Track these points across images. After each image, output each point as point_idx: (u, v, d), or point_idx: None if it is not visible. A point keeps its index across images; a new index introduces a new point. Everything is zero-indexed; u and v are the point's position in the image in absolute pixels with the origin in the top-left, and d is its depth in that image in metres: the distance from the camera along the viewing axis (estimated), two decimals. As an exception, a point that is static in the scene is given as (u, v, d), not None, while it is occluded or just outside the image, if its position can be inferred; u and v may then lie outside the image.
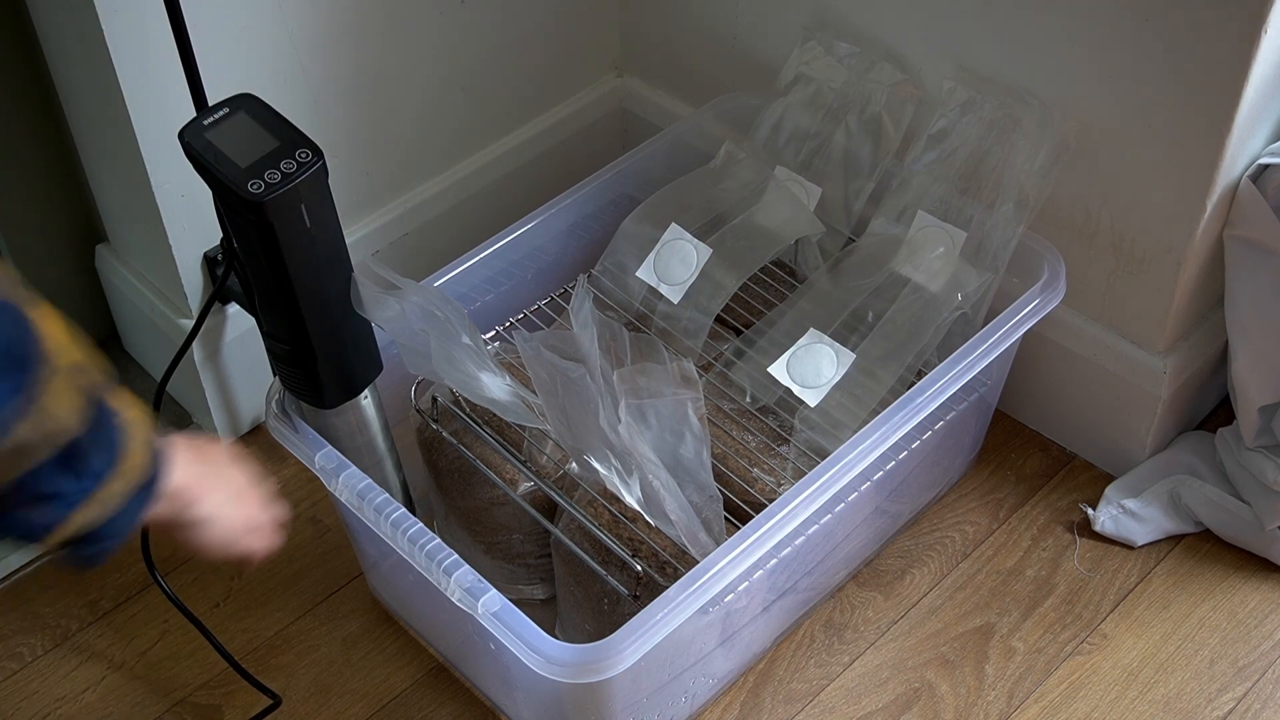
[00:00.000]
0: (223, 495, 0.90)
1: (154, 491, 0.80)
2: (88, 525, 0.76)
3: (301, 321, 1.07)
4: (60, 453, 0.72)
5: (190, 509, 0.87)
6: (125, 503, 0.78)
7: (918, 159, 1.34)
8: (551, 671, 1.02)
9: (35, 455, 0.71)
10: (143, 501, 0.80)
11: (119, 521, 0.78)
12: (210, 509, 0.89)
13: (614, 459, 1.10)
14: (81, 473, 0.74)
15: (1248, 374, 1.33)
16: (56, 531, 0.75)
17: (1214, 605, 1.35)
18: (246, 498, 0.94)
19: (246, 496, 0.94)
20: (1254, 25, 1.11)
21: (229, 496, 0.91)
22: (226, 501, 0.91)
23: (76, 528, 0.76)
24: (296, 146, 1.01)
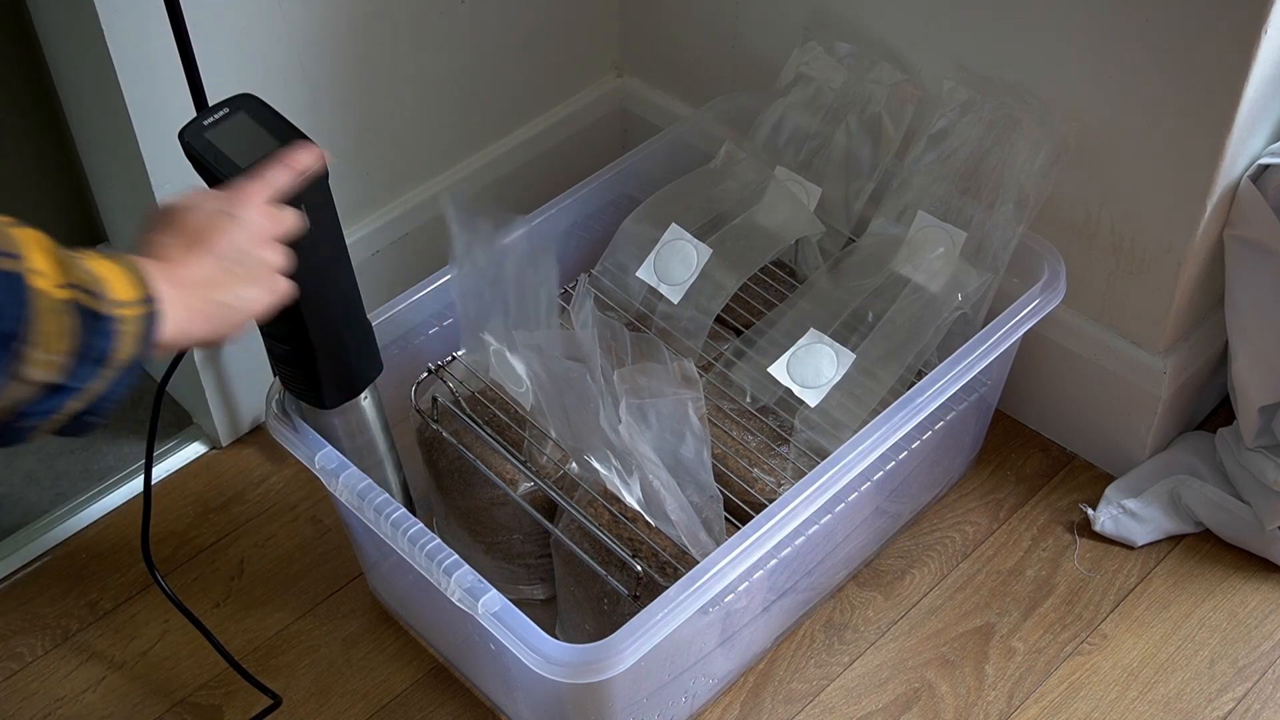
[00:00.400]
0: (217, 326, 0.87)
1: (141, 369, 0.79)
2: (69, 415, 0.75)
3: (302, 323, 1.07)
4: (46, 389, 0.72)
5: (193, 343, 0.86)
6: (110, 387, 0.77)
7: (918, 159, 1.34)
8: (551, 671, 1.02)
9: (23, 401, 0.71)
10: (130, 379, 0.78)
11: (104, 402, 0.77)
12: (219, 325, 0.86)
13: (614, 459, 1.10)
14: (66, 387, 0.73)
15: (1248, 374, 1.33)
16: (41, 432, 0.75)
17: (1214, 605, 1.35)
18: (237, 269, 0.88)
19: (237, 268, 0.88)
20: (1254, 25, 1.11)
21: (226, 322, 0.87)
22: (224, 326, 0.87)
23: (61, 423, 0.75)
24: None
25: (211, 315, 0.86)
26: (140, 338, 0.77)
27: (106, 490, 1.47)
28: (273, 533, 1.43)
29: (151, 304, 0.79)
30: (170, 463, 1.50)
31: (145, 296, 0.79)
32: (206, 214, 0.89)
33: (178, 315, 0.82)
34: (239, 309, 0.88)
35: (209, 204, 0.90)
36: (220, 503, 1.46)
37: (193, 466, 1.50)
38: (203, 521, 1.44)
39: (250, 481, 1.49)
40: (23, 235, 0.71)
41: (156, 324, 0.79)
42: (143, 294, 0.78)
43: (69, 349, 0.72)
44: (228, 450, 1.52)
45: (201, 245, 0.87)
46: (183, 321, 0.83)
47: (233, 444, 1.52)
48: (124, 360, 0.76)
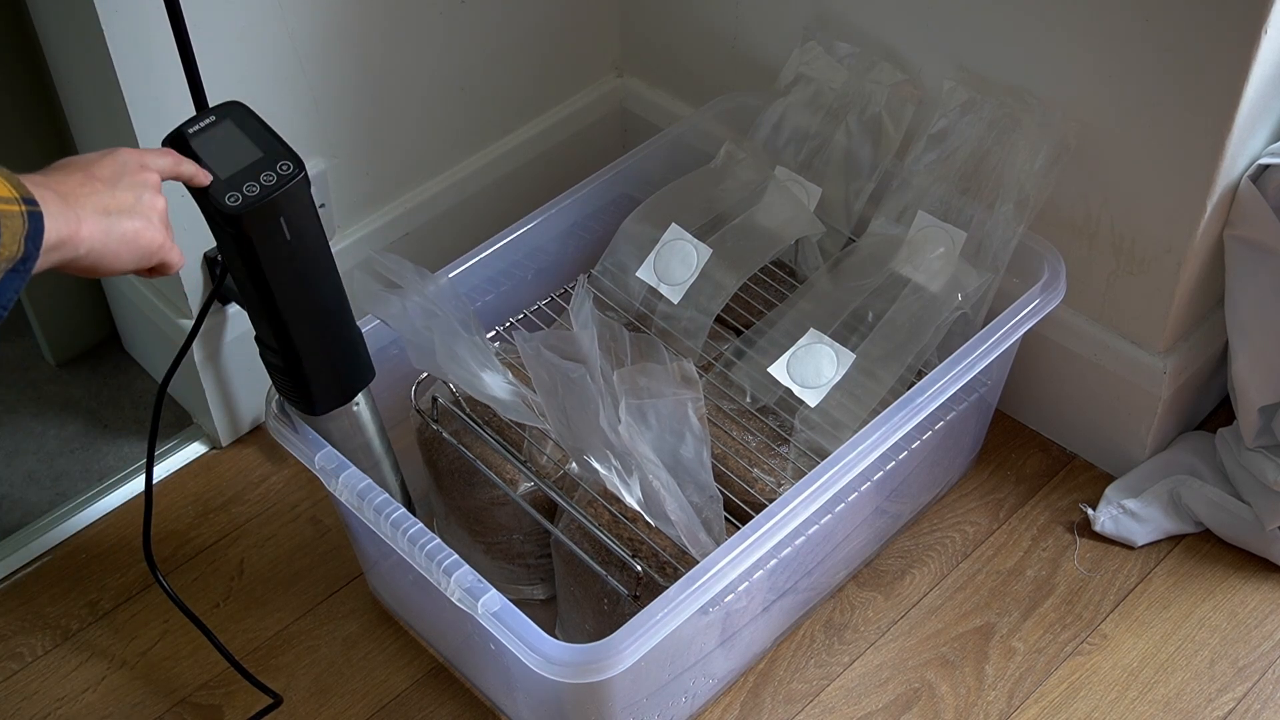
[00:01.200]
0: (96, 223, 0.87)
1: (28, 270, 0.79)
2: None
3: (286, 331, 1.07)
4: None
5: (70, 257, 0.85)
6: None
7: (918, 159, 1.34)
8: (551, 671, 1.02)
9: None
10: (16, 282, 0.79)
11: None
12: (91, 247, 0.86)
13: (614, 459, 1.10)
14: None
15: (1248, 374, 1.33)
16: None
17: (1214, 605, 1.35)
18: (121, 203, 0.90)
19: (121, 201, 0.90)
20: (1254, 25, 1.11)
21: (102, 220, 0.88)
22: (103, 227, 0.87)
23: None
24: (279, 158, 1.01)
25: (103, 228, 0.87)
26: (22, 234, 0.78)
27: (107, 490, 1.47)
28: (273, 533, 1.43)
29: (33, 205, 0.80)
30: (170, 463, 1.50)
31: (26, 197, 0.80)
32: (89, 156, 0.93)
33: (69, 221, 0.84)
34: (129, 233, 0.89)
35: (91, 153, 0.93)
36: (220, 503, 1.46)
37: (193, 466, 1.50)
38: (203, 521, 1.45)
39: (250, 481, 1.49)
40: None
41: (40, 224, 0.80)
42: (22, 195, 0.79)
43: None
44: (228, 450, 1.52)
45: (84, 170, 0.90)
46: (74, 227, 0.84)
47: (233, 444, 1.53)
48: (7, 256, 0.77)
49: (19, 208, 0.78)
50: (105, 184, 0.90)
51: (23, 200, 0.79)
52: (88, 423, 1.55)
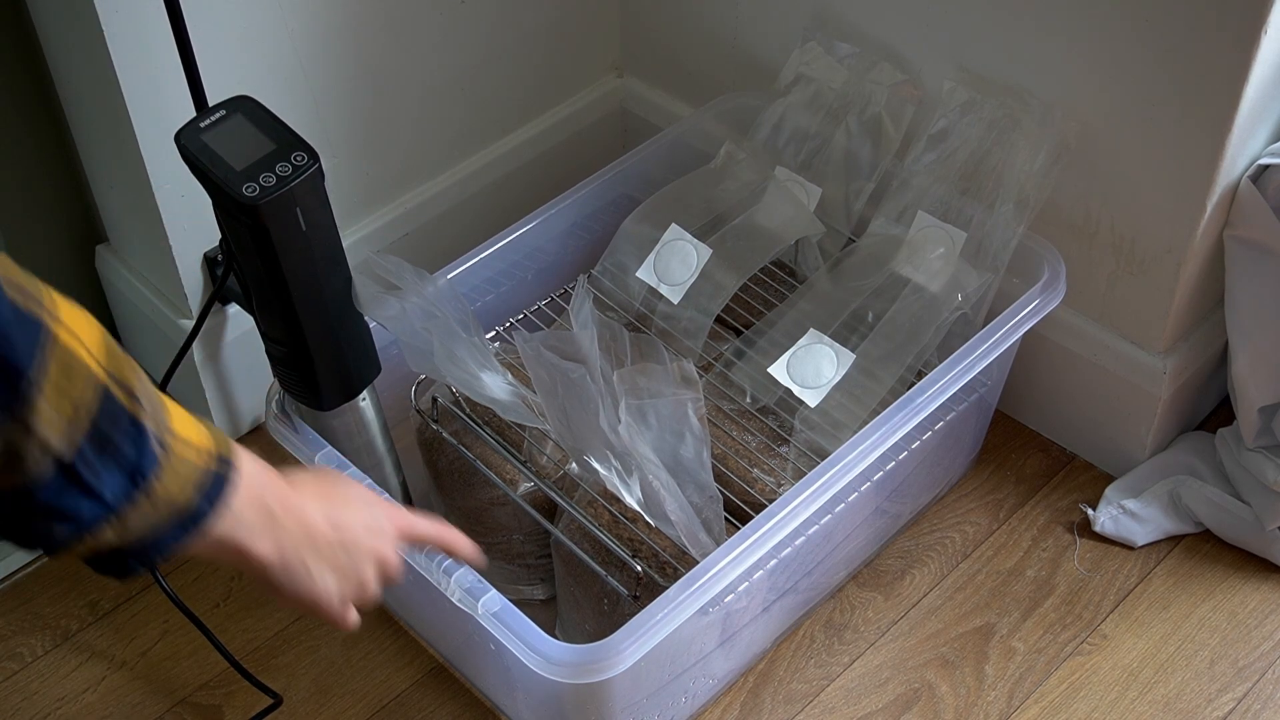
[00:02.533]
0: (289, 561, 0.80)
1: (195, 528, 0.72)
2: (105, 545, 0.69)
3: (298, 324, 1.07)
4: (57, 470, 0.65)
5: (246, 568, 0.78)
6: (150, 532, 0.70)
7: (918, 159, 1.34)
8: (551, 672, 1.02)
9: (27, 471, 0.65)
10: (177, 535, 0.71)
11: (145, 548, 0.71)
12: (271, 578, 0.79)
13: (614, 459, 1.10)
14: (89, 493, 0.67)
15: (1248, 374, 1.33)
16: (68, 550, 0.69)
17: (1214, 605, 1.35)
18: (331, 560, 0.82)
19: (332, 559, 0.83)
20: (1254, 25, 1.11)
21: (297, 566, 0.80)
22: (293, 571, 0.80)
23: (89, 549, 0.69)
24: (292, 149, 1.01)
25: (290, 563, 0.80)
26: (197, 487, 0.71)
27: (106, 490, 1.47)
28: (273, 533, 1.43)
29: (226, 467, 0.73)
30: (170, 463, 1.50)
31: (223, 457, 0.73)
32: (363, 500, 0.87)
33: (264, 527, 0.77)
34: (310, 584, 0.82)
35: (373, 498, 0.88)
36: (220, 503, 1.46)
37: (193, 466, 1.50)
38: (203, 521, 1.44)
39: (250, 481, 1.48)
40: (68, 304, 0.66)
41: (224, 488, 0.73)
42: (219, 452, 0.73)
43: (87, 428, 0.65)
44: (228, 450, 1.52)
45: (335, 508, 0.83)
46: (265, 536, 0.77)
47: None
48: (168, 498, 0.70)
49: (203, 459, 0.72)
50: (329, 542, 0.82)
51: (218, 458, 0.73)
52: (88, 423, 1.55)
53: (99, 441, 0.66)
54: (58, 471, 0.66)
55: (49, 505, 0.66)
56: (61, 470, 0.66)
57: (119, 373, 0.68)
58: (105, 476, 0.67)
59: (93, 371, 0.66)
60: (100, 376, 0.66)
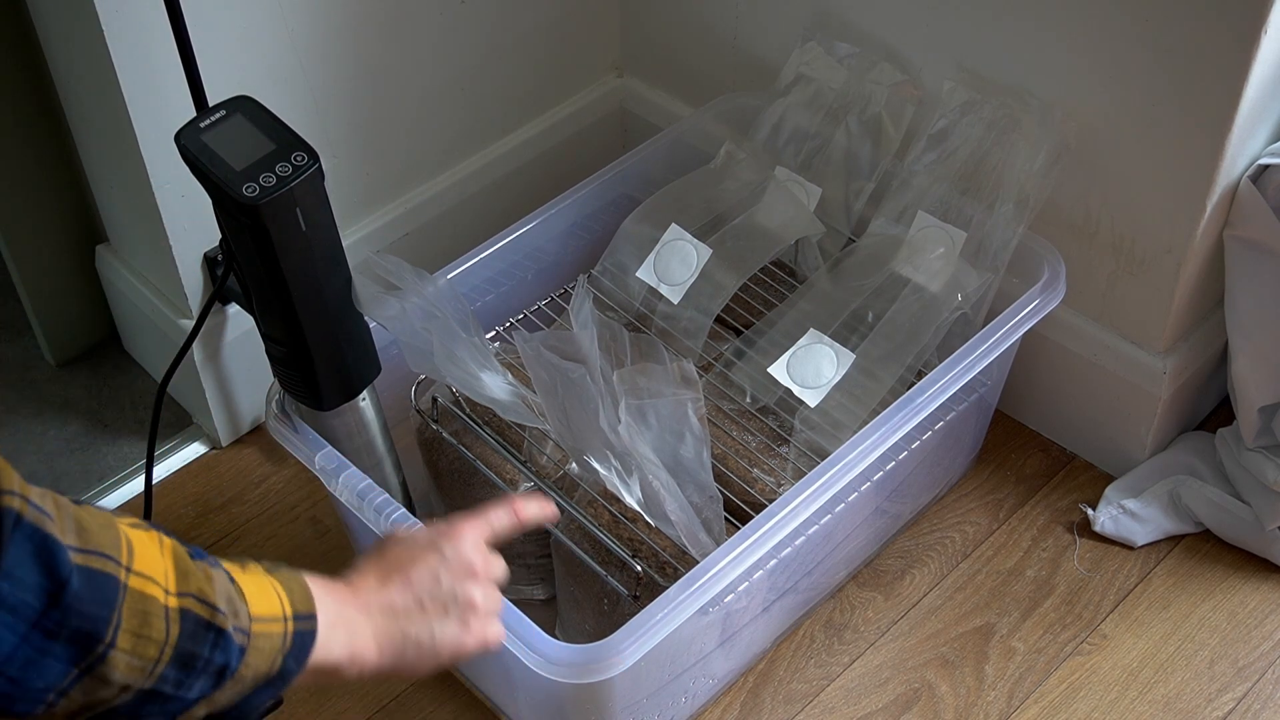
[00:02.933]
0: (399, 656, 0.84)
1: (284, 684, 0.77)
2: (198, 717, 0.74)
3: (298, 324, 1.07)
4: (139, 695, 0.69)
5: (347, 675, 0.82)
6: (242, 699, 0.75)
7: (918, 159, 1.34)
8: (551, 672, 1.02)
9: (108, 703, 0.68)
10: (269, 693, 0.76)
11: (239, 711, 0.75)
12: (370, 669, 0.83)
13: (614, 459, 1.10)
14: (175, 701, 0.71)
15: (1248, 374, 1.33)
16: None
17: (1214, 605, 1.35)
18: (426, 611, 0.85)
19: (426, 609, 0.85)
20: (1254, 25, 1.11)
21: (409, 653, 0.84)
22: (407, 658, 0.84)
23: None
24: (292, 149, 1.01)
25: (399, 646, 0.83)
26: (282, 653, 0.75)
27: (106, 490, 1.47)
28: (273, 533, 1.43)
29: (306, 622, 0.77)
30: (170, 463, 1.50)
31: (300, 614, 0.77)
32: (412, 546, 0.88)
33: (357, 639, 0.81)
34: (431, 645, 0.85)
35: (420, 537, 0.89)
36: (220, 503, 1.46)
37: (193, 467, 1.50)
38: (203, 522, 1.44)
39: (250, 482, 1.49)
40: (139, 538, 0.70)
41: (308, 643, 0.77)
42: (295, 611, 0.77)
43: (169, 656, 0.69)
44: (228, 450, 1.52)
45: (399, 574, 0.85)
46: (362, 647, 0.81)
47: (233, 444, 1.52)
48: (255, 675, 0.74)
49: (282, 626, 0.76)
50: (420, 604, 0.85)
51: (296, 618, 0.77)
52: (88, 423, 1.55)
53: (183, 662, 0.70)
54: (140, 696, 0.69)
55: (137, 712, 0.70)
56: (145, 695, 0.69)
57: (196, 590, 0.71)
58: (191, 684, 0.71)
59: (169, 605, 0.69)
60: (175, 605, 0.70)
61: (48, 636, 0.65)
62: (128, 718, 0.70)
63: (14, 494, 0.63)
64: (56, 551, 0.64)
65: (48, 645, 0.65)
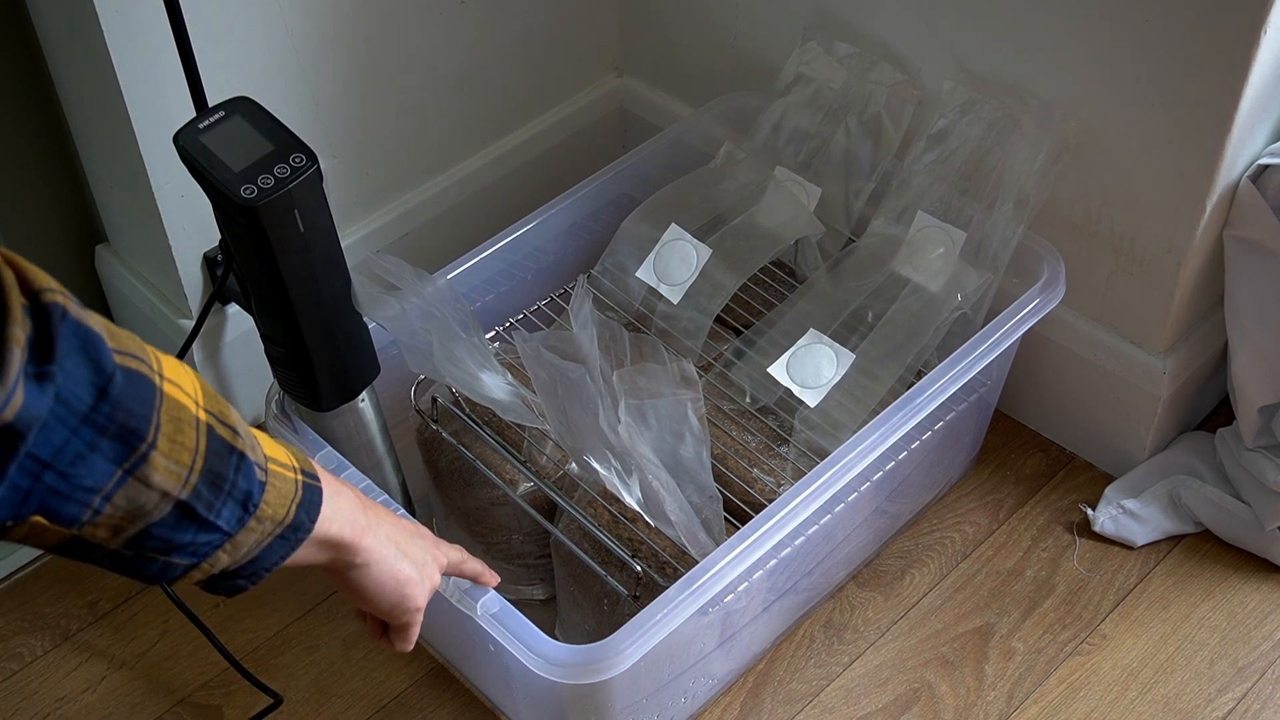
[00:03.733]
0: (382, 546, 0.88)
1: (297, 539, 0.79)
2: (219, 568, 0.75)
3: (296, 325, 1.07)
4: (176, 509, 0.70)
5: (344, 560, 0.86)
6: (260, 550, 0.77)
7: (918, 159, 1.34)
8: (551, 672, 1.02)
9: (147, 516, 0.69)
10: (283, 549, 0.78)
11: (255, 566, 0.77)
12: (367, 561, 0.87)
13: (614, 459, 1.10)
14: (206, 526, 0.72)
15: (1248, 374, 1.33)
16: (183, 578, 0.74)
17: (1214, 605, 1.35)
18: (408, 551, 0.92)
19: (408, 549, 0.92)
20: (1254, 25, 1.11)
21: (388, 549, 0.89)
22: (385, 554, 0.89)
23: (205, 574, 0.75)
24: (291, 150, 1.01)
25: (386, 551, 0.88)
26: (295, 502, 0.78)
27: (107, 490, 1.47)
28: (273, 533, 1.43)
29: (312, 480, 0.80)
30: (170, 463, 1.50)
31: (307, 471, 0.80)
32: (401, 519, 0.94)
33: (355, 519, 0.85)
34: (402, 565, 0.90)
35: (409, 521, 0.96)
36: (220, 503, 1.46)
37: (193, 466, 1.50)
38: (203, 521, 1.44)
39: (250, 481, 1.48)
40: (162, 355, 0.71)
41: (316, 499, 0.80)
42: (303, 468, 0.79)
43: (200, 467, 0.71)
44: (228, 450, 1.52)
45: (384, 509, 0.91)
46: (360, 530, 0.85)
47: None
48: (274, 517, 0.76)
49: (294, 475, 0.78)
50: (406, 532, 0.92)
51: (302, 472, 0.79)
52: (88, 423, 1.55)
53: (212, 479, 0.71)
54: (177, 511, 0.70)
55: (170, 541, 0.71)
56: (181, 510, 0.70)
57: (219, 412, 0.73)
58: (222, 508, 0.73)
59: (199, 417, 0.71)
60: (204, 418, 0.71)
61: (98, 432, 0.65)
62: (161, 549, 0.71)
63: (54, 290, 0.63)
64: (100, 346, 0.65)
65: (97, 440, 0.65)
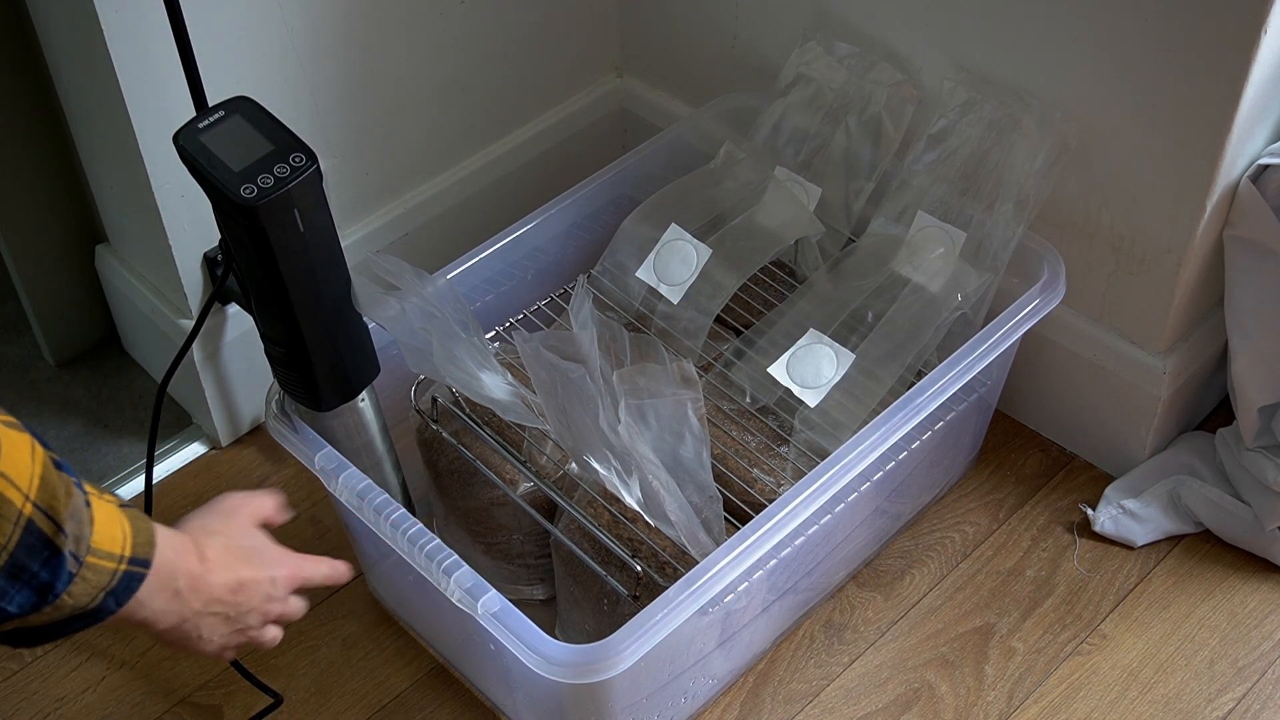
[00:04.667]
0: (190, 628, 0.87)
1: (98, 619, 0.79)
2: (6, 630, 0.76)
3: (297, 325, 1.07)
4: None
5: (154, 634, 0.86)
6: (55, 629, 0.78)
7: (918, 159, 1.34)
8: (551, 672, 1.02)
9: None
10: (81, 628, 0.79)
11: (46, 635, 0.78)
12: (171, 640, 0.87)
13: (614, 459, 1.10)
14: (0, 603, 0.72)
15: (1248, 374, 1.33)
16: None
17: (1214, 605, 1.35)
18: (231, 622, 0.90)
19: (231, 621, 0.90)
20: (1254, 25, 1.11)
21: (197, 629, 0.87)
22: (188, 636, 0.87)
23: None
24: (291, 150, 1.01)
25: (190, 631, 0.87)
26: (106, 590, 0.78)
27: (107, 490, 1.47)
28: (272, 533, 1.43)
29: (139, 568, 0.80)
30: (170, 463, 1.50)
31: (136, 558, 0.79)
32: (264, 551, 0.94)
33: (158, 609, 0.83)
34: (197, 645, 0.89)
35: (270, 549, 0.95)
36: (220, 503, 1.46)
37: (193, 466, 1.50)
38: (203, 521, 1.44)
39: (250, 482, 1.49)
40: (11, 438, 0.70)
41: (133, 588, 0.79)
42: (134, 554, 0.79)
43: (4, 561, 0.71)
44: (228, 450, 1.52)
45: (242, 574, 0.90)
46: (160, 616, 0.84)
47: (233, 444, 1.52)
48: (75, 605, 0.76)
49: (116, 566, 0.77)
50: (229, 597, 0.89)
51: (134, 561, 0.79)
52: (88, 423, 1.55)
53: (13, 571, 0.71)
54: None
55: None
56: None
57: (48, 503, 0.72)
58: (14, 596, 0.72)
59: (23, 511, 0.71)
60: (29, 512, 0.71)
61: None
62: None
63: None
64: None
65: None
